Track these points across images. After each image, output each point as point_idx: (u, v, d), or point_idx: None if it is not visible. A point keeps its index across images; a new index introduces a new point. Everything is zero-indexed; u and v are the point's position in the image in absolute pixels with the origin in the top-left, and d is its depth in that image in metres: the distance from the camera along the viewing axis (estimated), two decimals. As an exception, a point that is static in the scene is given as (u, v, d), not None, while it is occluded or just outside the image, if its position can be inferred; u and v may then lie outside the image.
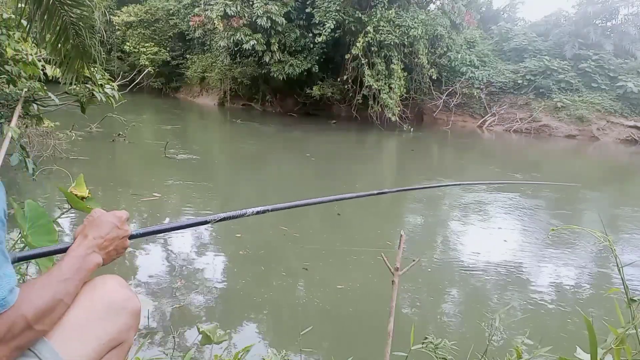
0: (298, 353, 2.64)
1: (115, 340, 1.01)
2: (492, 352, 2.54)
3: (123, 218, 1.07)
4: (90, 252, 0.99)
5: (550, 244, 5.40)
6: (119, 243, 1.06)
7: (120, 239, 1.06)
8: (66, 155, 7.47)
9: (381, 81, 15.34)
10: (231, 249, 4.71)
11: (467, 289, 4.19)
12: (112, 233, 1.04)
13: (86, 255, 0.98)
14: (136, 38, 23.13)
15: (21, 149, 4.05)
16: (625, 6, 18.99)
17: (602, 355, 1.32)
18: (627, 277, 1.37)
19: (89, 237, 1.00)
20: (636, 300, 1.33)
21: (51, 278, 0.91)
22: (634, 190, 9.92)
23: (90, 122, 9.74)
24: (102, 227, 1.03)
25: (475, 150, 14.45)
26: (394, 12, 15.07)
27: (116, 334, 1.01)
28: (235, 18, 15.69)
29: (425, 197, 7.68)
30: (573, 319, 3.65)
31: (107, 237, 1.02)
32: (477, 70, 18.15)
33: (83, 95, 4.27)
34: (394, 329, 1.65)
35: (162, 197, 6.10)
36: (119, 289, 1.06)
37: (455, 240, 5.61)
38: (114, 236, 1.04)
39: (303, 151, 11.58)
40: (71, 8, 2.84)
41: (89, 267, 0.98)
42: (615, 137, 16.66)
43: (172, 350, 2.67)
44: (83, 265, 0.97)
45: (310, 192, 7.79)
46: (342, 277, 4.18)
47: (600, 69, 17.53)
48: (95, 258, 0.99)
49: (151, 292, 3.64)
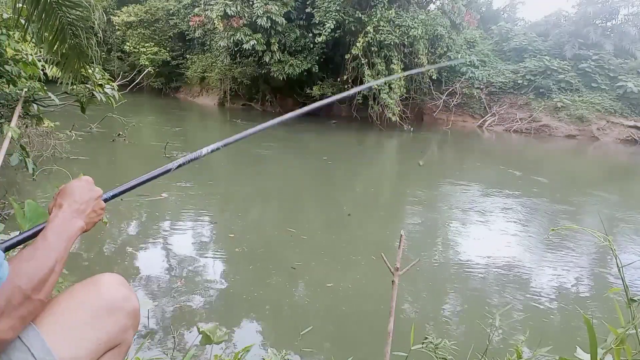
0: (298, 353, 2.64)
1: (112, 341, 0.99)
2: (492, 352, 2.53)
3: (90, 180, 1.09)
4: (70, 217, 0.99)
5: (550, 244, 5.40)
6: (95, 204, 1.06)
7: (95, 200, 1.06)
8: (66, 155, 7.47)
9: (381, 81, 15.34)
10: (231, 249, 4.71)
11: (467, 289, 4.19)
12: (85, 195, 1.04)
13: (67, 221, 0.98)
14: (136, 38, 23.13)
15: (21, 149, 4.05)
16: (625, 6, 19.00)
17: (602, 355, 1.32)
18: (627, 277, 1.37)
19: (64, 206, 1.00)
20: (636, 300, 1.33)
21: (38, 249, 0.90)
22: (634, 190, 9.92)
23: (90, 122, 9.73)
24: (73, 193, 1.03)
25: (475, 150, 14.45)
26: (394, 12, 15.06)
27: (113, 335, 0.99)
28: (235, 18, 15.69)
29: (426, 198, 7.68)
30: (573, 319, 3.65)
31: (81, 200, 1.03)
32: (477, 70, 18.15)
33: (83, 95, 4.26)
34: (394, 329, 1.65)
35: (161, 197, 6.10)
36: (118, 287, 1.04)
37: (455, 240, 5.61)
38: (87, 198, 1.04)
39: (303, 151, 11.59)
40: (69, 9, 2.84)
41: (72, 231, 0.98)
42: (615, 137, 16.66)
43: (172, 350, 2.67)
44: (66, 231, 0.96)
45: (310, 192, 7.79)
46: (342, 277, 4.18)
47: (600, 69, 17.53)
48: (77, 222, 1.00)
49: (151, 292, 3.64)
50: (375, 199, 7.78)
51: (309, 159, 10.64)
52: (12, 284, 0.82)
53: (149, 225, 5.32)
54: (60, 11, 2.79)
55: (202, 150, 1.35)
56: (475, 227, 6.13)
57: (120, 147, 9.57)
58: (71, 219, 0.99)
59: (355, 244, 5.16)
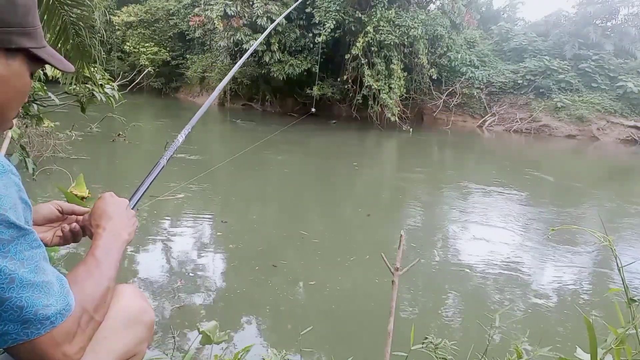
0: (298, 353, 2.64)
1: (128, 353, 1.00)
2: (492, 352, 2.54)
3: (112, 194, 1.12)
4: (114, 234, 1.01)
5: (551, 244, 5.40)
6: (128, 214, 1.10)
7: (126, 210, 1.10)
8: (66, 155, 7.47)
9: (381, 81, 15.33)
10: (232, 249, 4.71)
11: (467, 289, 4.19)
12: (117, 209, 1.07)
13: (112, 238, 1.00)
14: (136, 38, 23.14)
15: (21, 149, 4.05)
16: (625, 6, 19.00)
17: (602, 355, 1.32)
18: (627, 277, 1.37)
19: (103, 225, 1.02)
20: (636, 300, 1.33)
21: (92, 270, 0.90)
22: (634, 190, 9.91)
23: (90, 122, 9.73)
24: (106, 211, 1.06)
25: (475, 150, 14.45)
26: (394, 12, 15.06)
27: (130, 347, 1.00)
28: (235, 18, 15.69)
29: (426, 198, 7.68)
30: (573, 319, 3.65)
31: (116, 215, 1.06)
32: (477, 70, 18.15)
33: (83, 95, 4.26)
34: (394, 329, 1.65)
35: (177, 197, 6.10)
36: (135, 299, 1.05)
37: (455, 240, 5.61)
38: (120, 211, 1.07)
39: (304, 151, 11.58)
40: (71, 8, 2.84)
41: (118, 247, 1.00)
42: (615, 137, 16.66)
43: (172, 350, 2.67)
44: (114, 248, 0.98)
45: (310, 191, 7.79)
46: (342, 277, 4.19)
47: (600, 69, 17.53)
48: (121, 237, 1.03)
49: (151, 292, 3.64)
50: (375, 199, 7.78)
51: (310, 159, 10.64)
52: (80, 306, 0.83)
53: (149, 225, 5.33)
54: (63, 10, 2.79)
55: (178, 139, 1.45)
56: (476, 227, 6.12)
57: (120, 147, 9.57)
58: (115, 235, 1.01)
59: (355, 244, 5.17)
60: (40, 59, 0.86)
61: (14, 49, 0.80)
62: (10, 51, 0.80)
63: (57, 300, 0.78)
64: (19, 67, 0.82)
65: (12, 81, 0.81)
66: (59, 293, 0.79)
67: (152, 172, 1.32)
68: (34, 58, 0.85)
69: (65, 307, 0.79)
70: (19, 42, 0.80)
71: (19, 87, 0.84)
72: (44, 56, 0.86)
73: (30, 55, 0.84)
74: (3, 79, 0.80)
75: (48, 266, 0.80)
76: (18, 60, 0.82)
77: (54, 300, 0.78)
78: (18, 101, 0.85)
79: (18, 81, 0.83)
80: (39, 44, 0.85)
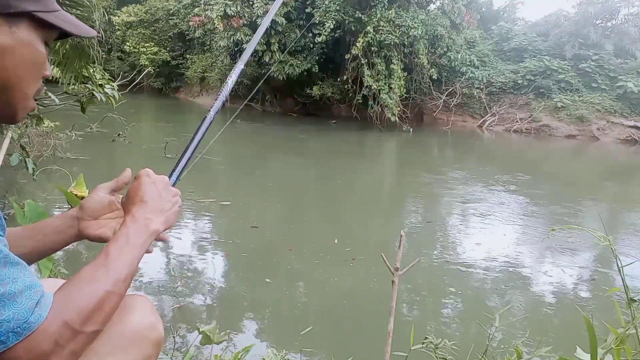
0: (298, 353, 2.64)
1: None
2: (492, 352, 2.54)
3: (149, 171, 0.97)
4: (141, 223, 0.87)
5: (551, 244, 5.40)
6: (168, 194, 0.95)
7: (165, 189, 0.95)
8: (66, 155, 7.47)
9: (381, 81, 15.33)
10: (232, 250, 4.71)
11: (467, 289, 4.19)
12: (153, 190, 0.92)
13: (137, 227, 0.85)
14: (136, 38, 23.15)
15: (21, 149, 4.05)
16: (625, 6, 18.99)
17: (602, 355, 1.32)
18: (627, 277, 1.37)
19: (132, 210, 0.88)
20: (636, 300, 1.33)
21: (95, 269, 0.76)
22: (634, 191, 9.91)
23: (90, 122, 9.73)
24: (138, 193, 0.91)
25: (475, 150, 14.45)
26: (394, 12, 15.06)
27: None
28: (235, 18, 15.69)
29: (426, 198, 7.68)
30: (573, 319, 3.65)
31: (150, 197, 0.91)
32: (477, 70, 18.15)
33: (83, 95, 4.26)
34: (394, 329, 1.65)
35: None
36: (145, 315, 0.97)
37: (455, 240, 5.61)
38: (157, 192, 0.93)
39: (304, 151, 11.58)
40: (69, 8, 2.84)
41: (142, 239, 0.85)
42: (615, 137, 16.65)
43: (172, 350, 2.67)
44: (136, 239, 0.84)
45: (310, 190, 7.79)
46: (342, 277, 4.18)
47: (600, 69, 17.52)
48: (150, 226, 0.88)
49: (151, 292, 3.63)
50: (376, 199, 7.78)
51: (309, 159, 10.64)
52: (58, 320, 0.68)
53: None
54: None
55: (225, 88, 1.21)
56: (476, 227, 6.12)
57: (120, 147, 9.57)
58: (142, 226, 0.86)
59: (354, 244, 5.16)
60: (51, 24, 0.74)
61: (16, 14, 0.70)
62: (12, 17, 0.69)
63: (14, 314, 0.64)
64: (27, 34, 0.72)
65: (21, 51, 0.71)
66: (18, 307, 0.65)
67: (198, 133, 1.13)
68: (44, 24, 0.74)
69: (22, 325, 0.65)
70: (20, 5, 0.70)
71: (30, 58, 0.73)
72: (52, 20, 0.74)
73: (38, 20, 0.73)
74: (8, 49, 0.69)
75: (11, 275, 0.66)
76: (23, 27, 0.71)
77: (9, 314, 0.64)
78: (33, 74, 0.75)
79: (28, 51, 0.72)
80: (46, 7, 0.74)
